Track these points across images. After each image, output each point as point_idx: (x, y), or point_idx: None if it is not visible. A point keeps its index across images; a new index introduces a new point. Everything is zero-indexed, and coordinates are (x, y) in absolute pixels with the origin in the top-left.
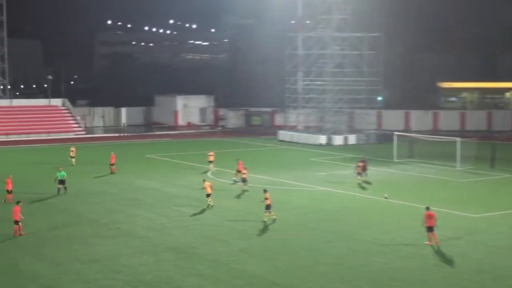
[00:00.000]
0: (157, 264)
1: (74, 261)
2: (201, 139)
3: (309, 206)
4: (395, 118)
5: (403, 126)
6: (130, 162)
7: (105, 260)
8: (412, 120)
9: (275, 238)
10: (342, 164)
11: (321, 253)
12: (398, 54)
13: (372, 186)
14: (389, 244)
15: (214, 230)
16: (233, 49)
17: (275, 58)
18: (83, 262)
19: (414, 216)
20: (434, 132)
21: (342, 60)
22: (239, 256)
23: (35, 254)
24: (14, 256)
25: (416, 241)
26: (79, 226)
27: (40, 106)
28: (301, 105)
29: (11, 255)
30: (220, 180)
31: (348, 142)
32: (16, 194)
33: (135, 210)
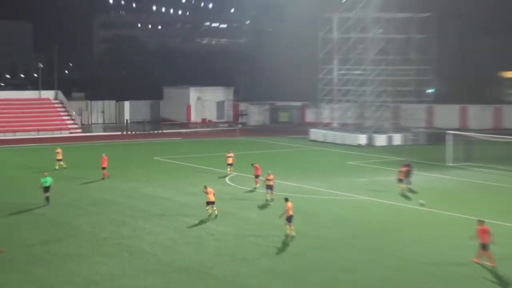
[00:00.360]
0: (165, 286)
1: (69, 283)
2: (218, 139)
3: (346, 219)
4: (448, 114)
5: (459, 124)
6: (135, 166)
7: (104, 282)
8: (470, 117)
9: (306, 257)
10: (386, 168)
11: (361, 275)
12: (453, 38)
13: (422, 195)
14: (443, 264)
15: (233, 246)
16: (256, 33)
17: (306, 43)
18: (79, 284)
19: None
20: (496, 131)
21: (385, 45)
22: (262, 278)
23: (23, 274)
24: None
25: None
26: (75, 241)
27: (29, 99)
28: (336, 98)
29: None
30: (240, 187)
31: (392, 143)
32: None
33: (141, 223)
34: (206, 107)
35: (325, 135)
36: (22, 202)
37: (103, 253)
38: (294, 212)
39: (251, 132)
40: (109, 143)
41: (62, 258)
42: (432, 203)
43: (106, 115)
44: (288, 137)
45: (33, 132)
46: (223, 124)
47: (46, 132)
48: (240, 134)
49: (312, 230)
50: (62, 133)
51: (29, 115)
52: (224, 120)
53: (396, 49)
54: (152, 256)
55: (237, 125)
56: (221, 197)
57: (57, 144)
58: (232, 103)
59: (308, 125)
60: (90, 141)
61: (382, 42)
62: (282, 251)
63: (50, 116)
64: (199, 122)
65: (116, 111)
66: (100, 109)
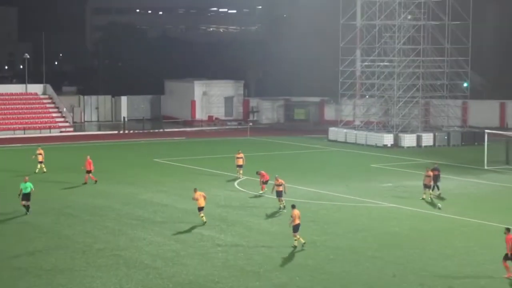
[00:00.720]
0: None
1: None
2: (226, 139)
3: (369, 228)
4: (486, 112)
5: (498, 123)
6: (133, 168)
7: None
8: (510, 114)
9: (325, 271)
10: (414, 172)
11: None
12: (492, 26)
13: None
14: (476, 279)
15: (242, 258)
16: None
17: (325, 31)
18: None
19: None
20: None
21: (415, 33)
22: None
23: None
24: None
25: None
26: (66, 252)
27: (13, 94)
28: (359, 93)
29: None
30: (251, 192)
31: (421, 143)
32: None
33: (139, 232)
34: (212, 103)
35: (346, 134)
36: (5, 209)
37: (98, 266)
38: (311, 221)
39: (263, 131)
40: (104, 143)
41: (52, 272)
42: (465, 211)
43: (101, 112)
44: (304, 136)
45: (18, 130)
46: (232, 122)
47: (33, 130)
48: (251, 133)
49: (331, 240)
50: (52, 132)
51: (14, 111)
52: (233, 118)
53: (428, 38)
54: (152, 269)
55: (248, 123)
56: (229, 204)
57: (38, 145)
58: (242, 98)
59: (327, 124)
60: (83, 141)
61: (411, 29)
62: (297, 264)
63: (38, 113)
64: (205, 120)
65: (112, 108)
66: (94, 105)
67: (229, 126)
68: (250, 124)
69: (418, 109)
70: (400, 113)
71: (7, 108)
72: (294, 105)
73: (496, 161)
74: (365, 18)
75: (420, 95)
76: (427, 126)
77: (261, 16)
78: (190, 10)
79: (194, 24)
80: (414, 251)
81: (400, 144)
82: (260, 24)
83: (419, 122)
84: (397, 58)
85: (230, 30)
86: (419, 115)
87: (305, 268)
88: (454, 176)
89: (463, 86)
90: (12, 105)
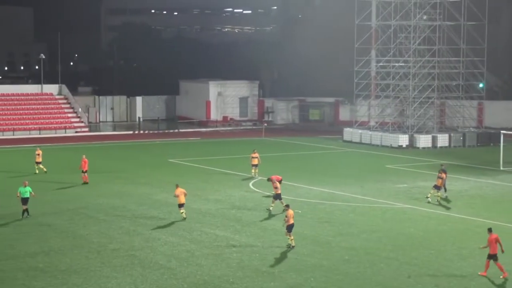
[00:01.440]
0: None
1: None
2: (241, 139)
3: (384, 229)
4: (502, 112)
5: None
6: (148, 168)
7: None
8: None
9: (339, 271)
10: (429, 173)
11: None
12: (509, 26)
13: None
14: (491, 281)
15: (257, 259)
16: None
17: (340, 32)
18: None
19: None
20: None
21: (431, 33)
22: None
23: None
24: None
25: None
26: (81, 252)
27: (29, 94)
28: (374, 94)
29: None
30: (266, 193)
31: (437, 144)
32: None
33: (155, 233)
34: (227, 104)
35: (361, 135)
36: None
37: (113, 266)
38: (326, 221)
39: (277, 131)
40: (120, 144)
41: (67, 272)
42: (480, 212)
43: (116, 112)
44: (319, 137)
45: (34, 131)
46: (247, 123)
47: (48, 131)
48: (266, 134)
49: (346, 241)
50: (67, 132)
51: (30, 112)
52: (248, 118)
53: (443, 38)
54: (167, 269)
55: (263, 123)
56: (244, 205)
57: (38, 145)
58: (257, 99)
59: (342, 124)
60: (98, 141)
61: (426, 29)
62: (312, 265)
63: (53, 113)
64: (220, 121)
65: (127, 108)
66: (109, 105)
67: (244, 127)
68: (265, 125)
69: (434, 109)
70: (415, 114)
71: (23, 108)
72: (309, 106)
73: (511, 161)
74: (380, 18)
75: (435, 95)
76: (443, 127)
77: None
78: (205, 10)
79: (209, 24)
80: (429, 252)
81: (415, 145)
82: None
83: (435, 122)
84: (412, 59)
85: (245, 30)
86: (435, 116)
87: (320, 268)
88: (470, 177)
89: (479, 86)
90: (28, 105)
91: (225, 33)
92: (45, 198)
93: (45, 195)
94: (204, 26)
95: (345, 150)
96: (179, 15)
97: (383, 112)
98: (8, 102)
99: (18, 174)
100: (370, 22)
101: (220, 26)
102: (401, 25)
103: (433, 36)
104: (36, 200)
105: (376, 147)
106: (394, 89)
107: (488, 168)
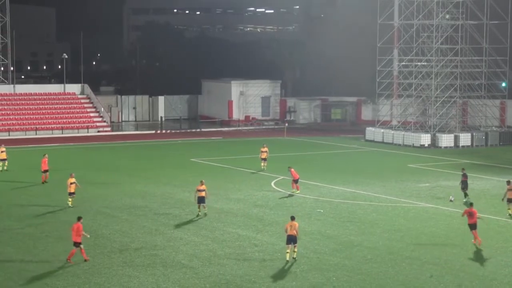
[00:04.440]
0: None
1: None
2: (263, 138)
3: (406, 229)
4: None
5: None
6: (170, 168)
7: None
8: None
9: (362, 271)
10: (451, 172)
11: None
12: None
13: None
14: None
15: (279, 259)
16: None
17: (362, 31)
18: None
19: None
20: None
21: (453, 33)
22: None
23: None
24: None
25: None
26: (104, 252)
27: (52, 94)
28: (396, 93)
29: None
30: (288, 192)
31: (459, 143)
32: (23, 207)
33: (176, 232)
34: (249, 103)
35: (383, 134)
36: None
37: (135, 266)
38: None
39: (300, 131)
40: (142, 143)
41: (89, 271)
42: (502, 211)
43: (138, 112)
44: (341, 136)
45: (56, 130)
46: (269, 122)
47: (71, 130)
48: (288, 133)
49: (368, 241)
50: (89, 131)
51: (53, 111)
52: (270, 118)
53: (466, 38)
54: (189, 269)
55: (285, 123)
56: (266, 204)
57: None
58: (279, 98)
59: (364, 124)
60: (121, 141)
61: (449, 29)
62: (334, 264)
63: (75, 113)
64: (242, 120)
65: (149, 107)
66: (131, 105)
67: (266, 126)
68: (287, 125)
69: (456, 109)
70: (438, 113)
71: (46, 108)
72: (331, 105)
73: None
74: (403, 17)
75: (457, 95)
76: (465, 126)
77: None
78: (228, 10)
79: (231, 24)
80: (451, 251)
81: (438, 144)
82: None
83: (457, 122)
84: (434, 58)
85: (267, 30)
86: (457, 115)
87: (342, 268)
88: (492, 176)
89: (501, 86)
90: (51, 104)
91: (248, 32)
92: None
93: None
94: (226, 26)
95: (367, 149)
96: (202, 15)
97: (405, 111)
98: (31, 102)
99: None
100: (392, 21)
101: (243, 25)
102: (423, 24)
103: (455, 35)
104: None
105: (398, 146)
106: (416, 88)
107: (511, 168)
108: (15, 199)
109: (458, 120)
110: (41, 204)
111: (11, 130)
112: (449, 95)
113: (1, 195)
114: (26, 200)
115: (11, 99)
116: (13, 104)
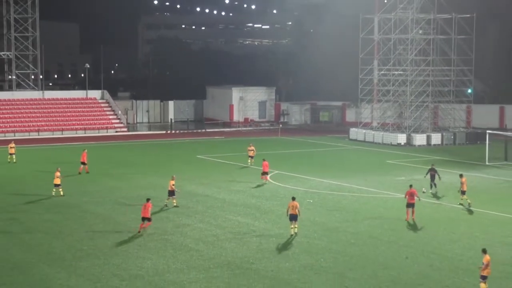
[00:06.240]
0: (208, 281)
1: (115, 277)
2: (260, 138)
3: (384, 217)
4: (487, 115)
5: (498, 124)
6: (179, 163)
7: (149, 276)
8: (508, 117)
9: (346, 253)
10: (424, 167)
11: (399, 271)
12: (492, 39)
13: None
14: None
15: (274, 243)
16: (299, 34)
17: (347, 44)
18: (125, 278)
19: (508, 229)
20: None
21: (426, 46)
22: (303, 274)
23: (71, 268)
24: (47, 270)
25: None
26: (121, 236)
27: (76, 99)
28: (376, 98)
29: (44, 269)
30: (282, 185)
31: (431, 142)
32: (53, 198)
33: (184, 219)
34: (248, 107)
35: (365, 134)
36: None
37: (148, 249)
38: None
39: (292, 131)
40: (154, 142)
41: (109, 253)
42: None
43: (151, 114)
44: (328, 136)
45: (80, 130)
46: (265, 124)
47: (92, 130)
48: (281, 133)
49: (351, 227)
50: (108, 131)
51: (76, 114)
52: (266, 120)
53: (436, 50)
54: (196, 251)
55: (279, 124)
56: (262, 195)
57: None
58: (274, 103)
59: (348, 125)
60: (135, 140)
61: (422, 42)
62: (322, 248)
63: (96, 115)
64: (241, 122)
65: (160, 111)
66: (145, 108)
67: (262, 127)
68: (281, 125)
69: (428, 112)
70: (412, 116)
71: (70, 111)
72: (320, 109)
73: (496, 157)
74: (382, 32)
75: (429, 100)
76: (436, 127)
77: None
78: (229, 25)
79: (232, 37)
80: (424, 236)
81: (412, 143)
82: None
83: (429, 123)
84: (409, 68)
85: (264, 43)
86: (429, 118)
87: (329, 251)
88: (460, 171)
89: (467, 92)
90: (75, 108)
91: (247, 45)
92: (88, 189)
93: (88, 186)
94: (228, 39)
95: (351, 147)
96: (206, 30)
97: (384, 114)
98: (58, 106)
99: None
100: (373, 35)
101: (242, 39)
102: (400, 38)
103: (427, 48)
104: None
105: (378, 145)
106: (394, 94)
107: (476, 163)
108: (40, 190)
109: (430, 122)
110: (70, 194)
111: (40, 131)
112: (422, 100)
113: (29, 186)
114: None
115: (40, 103)
116: (42, 108)
